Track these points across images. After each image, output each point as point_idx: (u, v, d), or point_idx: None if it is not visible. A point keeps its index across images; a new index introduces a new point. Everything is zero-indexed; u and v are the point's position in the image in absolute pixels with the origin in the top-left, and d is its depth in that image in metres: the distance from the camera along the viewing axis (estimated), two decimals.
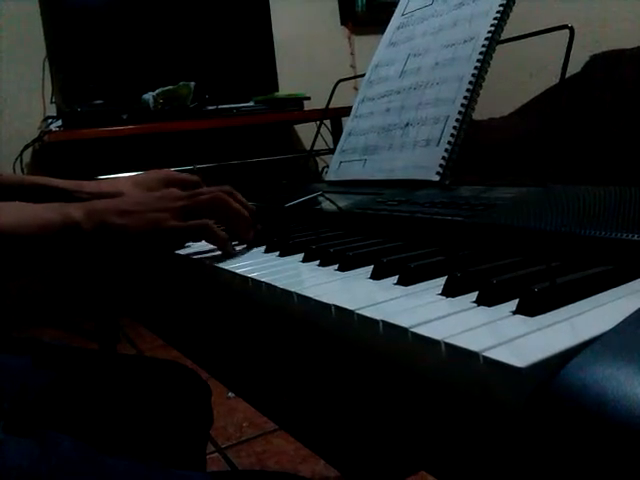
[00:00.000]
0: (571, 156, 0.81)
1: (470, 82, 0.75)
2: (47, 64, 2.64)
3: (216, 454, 1.50)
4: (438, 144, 0.76)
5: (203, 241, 0.68)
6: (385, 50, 0.96)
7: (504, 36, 0.79)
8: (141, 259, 0.75)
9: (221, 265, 0.59)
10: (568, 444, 0.25)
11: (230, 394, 1.72)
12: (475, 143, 0.87)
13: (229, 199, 0.67)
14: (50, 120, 2.43)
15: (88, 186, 0.85)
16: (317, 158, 2.82)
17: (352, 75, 1.22)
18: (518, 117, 1.03)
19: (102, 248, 0.64)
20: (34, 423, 0.63)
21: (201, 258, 0.65)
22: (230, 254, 0.65)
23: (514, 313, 0.35)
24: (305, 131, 3.13)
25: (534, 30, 0.79)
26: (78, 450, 0.50)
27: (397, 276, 0.46)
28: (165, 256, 0.72)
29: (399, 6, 0.98)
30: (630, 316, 0.32)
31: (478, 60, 0.76)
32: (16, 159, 2.56)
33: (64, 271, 2.63)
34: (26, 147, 2.57)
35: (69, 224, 0.61)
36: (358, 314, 0.39)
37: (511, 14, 0.78)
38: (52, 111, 2.64)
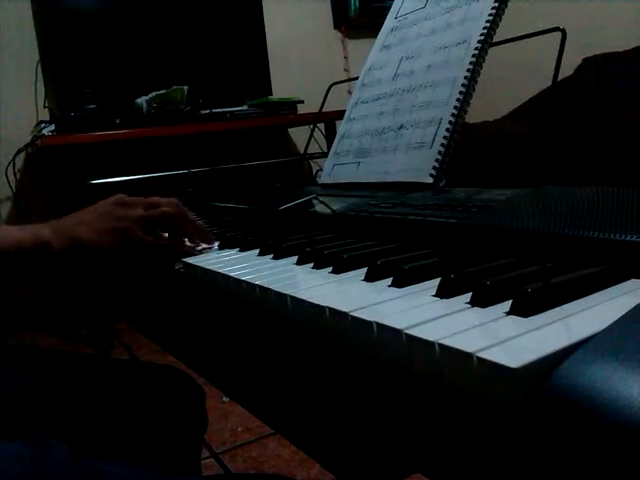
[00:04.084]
0: (564, 158, 0.82)
1: (463, 84, 0.75)
2: (40, 69, 2.63)
3: (211, 459, 1.49)
4: (431, 146, 0.76)
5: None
6: (378, 53, 0.96)
7: (496, 39, 0.79)
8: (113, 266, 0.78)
9: (215, 269, 0.59)
10: (562, 444, 0.25)
11: (225, 398, 1.71)
12: (469, 146, 0.87)
13: (186, 211, 0.71)
14: (43, 125, 2.42)
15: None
16: (311, 161, 2.83)
17: (346, 79, 1.22)
18: (511, 120, 1.03)
19: (73, 262, 0.67)
20: (28, 428, 0.62)
21: (195, 262, 0.64)
22: (201, 253, 0.69)
23: (508, 314, 0.35)
24: (299, 134, 3.13)
25: (526, 33, 0.79)
26: (72, 455, 0.49)
27: (391, 278, 0.46)
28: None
29: (392, 9, 0.99)
30: (623, 316, 0.32)
31: (471, 63, 0.76)
32: (9, 164, 2.56)
33: (57, 277, 2.62)
34: (19, 152, 2.56)
35: (40, 244, 0.65)
36: (352, 316, 0.39)
37: (503, 17, 0.78)
38: (45, 116, 2.63)
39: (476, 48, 0.76)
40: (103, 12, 2.53)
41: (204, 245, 0.71)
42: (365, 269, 0.49)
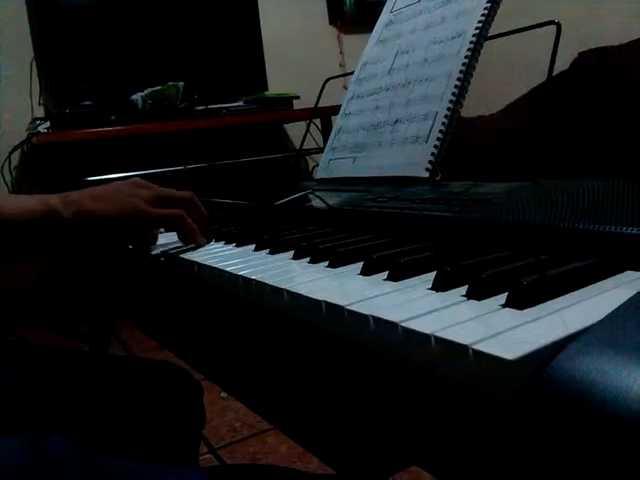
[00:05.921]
0: (560, 152, 0.82)
1: (458, 78, 0.75)
2: (34, 65, 2.62)
3: (209, 455, 1.49)
4: (427, 141, 0.76)
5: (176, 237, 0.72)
6: (374, 48, 0.96)
7: (491, 33, 0.79)
8: (118, 246, 0.79)
9: (211, 264, 0.59)
10: (558, 436, 0.25)
11: (223, 394, 1.71)
12: (464, 141, 0.87)
13: (197, 201, 0.72)
14: (38, 122, 2.41)
15: None
16: (307, 157, 2.82)
17: (341, 74, 1.22)
18: (507, 114, 1.03)
19: (81, 234, 0.67)
20: (24, 424, 0.62)
21: (191, 257, 0.64)
22: (201, 245, 0.69)
23: (503, 306, 0.35)
24: (295, 130, 3.12)
25: (522, 27, 0.79)
26: (70, 447, 0.49)
27: (387, 272, 0.46)
28: (144, 250, 0.75)
29: (387, 3, 0.98)
30: (618, 308, 0.32)
31: (466, 57, 0.76)
32: (4, 161, 2.55)
33: (54, 271, 2.62)
34: (14, 149, 2.56)
35: (50, 212, 0.65)
36: (348, 310, 0.39)
37: (498, 11, 0.78)
38: (40, 112, 2.62)
39: (471, 42, 0.76)
40: (98, 8, 2.52)
41: (201, 239, 0.71)
42: (361, 263, 0.49)
